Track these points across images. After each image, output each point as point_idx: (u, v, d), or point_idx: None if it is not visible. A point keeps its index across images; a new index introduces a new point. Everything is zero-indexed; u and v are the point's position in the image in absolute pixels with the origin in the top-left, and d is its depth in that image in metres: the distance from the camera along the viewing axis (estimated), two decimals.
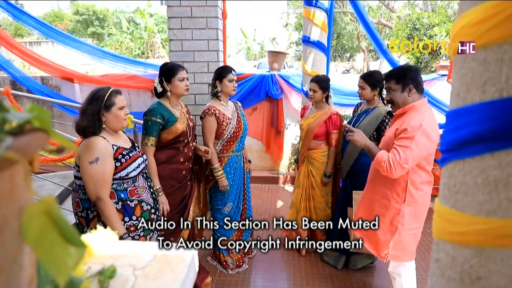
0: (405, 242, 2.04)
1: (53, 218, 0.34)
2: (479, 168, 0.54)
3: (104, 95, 1.75)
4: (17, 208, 0.34)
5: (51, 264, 0.35)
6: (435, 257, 0.65)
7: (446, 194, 0.61)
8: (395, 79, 1.98)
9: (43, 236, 0.34)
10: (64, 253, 0.35)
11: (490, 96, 0.51)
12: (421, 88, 1.97)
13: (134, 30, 16.20)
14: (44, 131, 0.38)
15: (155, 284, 0.60)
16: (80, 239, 0.35)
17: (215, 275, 2.80)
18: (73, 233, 0.35)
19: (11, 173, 0.33)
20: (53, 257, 0.35)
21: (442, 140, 0.62)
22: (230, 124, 2.65)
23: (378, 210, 2.07)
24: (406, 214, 1.97)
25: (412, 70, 1.98)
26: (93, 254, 0.69)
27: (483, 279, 0.55)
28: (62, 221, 0.34)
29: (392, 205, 2.00)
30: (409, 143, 1.82)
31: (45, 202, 0.34)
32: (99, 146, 1.69)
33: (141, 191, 1.90)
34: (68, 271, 0.36)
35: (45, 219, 0.34)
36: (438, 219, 0.64)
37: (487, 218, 0.53)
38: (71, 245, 0.35)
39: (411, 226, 2.01)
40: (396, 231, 2.02)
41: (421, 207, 1.99)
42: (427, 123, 1.84)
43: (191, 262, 0.67)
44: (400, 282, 2.18)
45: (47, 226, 0.34)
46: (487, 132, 0.52)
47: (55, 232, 0.34)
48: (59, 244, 0.35)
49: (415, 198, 1.95)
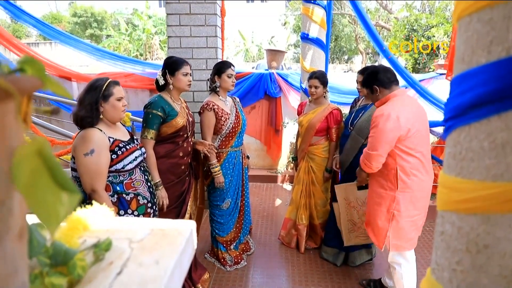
0: (404, 229, 2.05)
1: (45, 160, 0.32)
2: (485, 131, 0.53)
3: (102, 85, 1.73)
4: (7, 148, 0.32)
5: (41, 212, 0.33)
6: (440, 230, 0.64)
7: (451, 163, 0.60)
8: (363, 85, 2.22)
9: (34, 180, 0.32)
10: (55, 200, 0.33)
11: (497, 55, 0.50)
12: (388, 82, 2.10)
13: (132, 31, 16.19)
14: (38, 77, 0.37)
15: (152, 256, 0.58)
16: (72, 185, 0.34)
17: (213, 272, 2.77)
18: (66, 177, 0.33)
19: (2, 111, 0.31)
20: (44, 204, 0.33)
21: (446, 108, 0.61)
22: (229, 119, 2.63)
23: (375, 200, 2.12)
24: (401, 200, 2.01)
25: (371, 73, 2.15)
26: (89, 228, 0.67)
27: (491, 246, 0.53)
28: (54, 164, 0.33)
29: (387, 193, 2.06)
30: (373, 132, 2.01)
31: (37, 142, 0.32)
32: (94, 137, 1.67)
33: (138, 185, 1.88)
34: (60, 220, 0.34)
35: (36, 161, 0.32)
36: (443, 190, 0.62)
37: (494, 183, 0.52)
38: (63, 190, 0.33)
39: (409, 213, 2.03)
40: (394, 219, 2.04)
41: (417, 193, 2.02)
42: (392, 109, 1.97)
43: (189, 236, 0.65)
44: (400, 272, 2.18)
45: (39, 168, 0.32)
46: (494, 93, 0.50)
47: (47, 176, 0.33)
48: (50, 190, 0.33)
49: (408, 184, 2.00)
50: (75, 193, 0.34)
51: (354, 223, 2.64)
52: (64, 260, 0.57)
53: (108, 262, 0.58)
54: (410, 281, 2.20)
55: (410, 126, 1.94)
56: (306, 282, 2.67)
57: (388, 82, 2.10)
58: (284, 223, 3.22)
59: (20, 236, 0.35)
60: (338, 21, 15.83)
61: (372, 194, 2.19)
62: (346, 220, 2.65)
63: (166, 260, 0.56)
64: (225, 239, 2.84)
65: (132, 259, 0.57)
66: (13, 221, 0.34)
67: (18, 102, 0.32)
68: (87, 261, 0.58)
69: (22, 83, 0.33)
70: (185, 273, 0.63)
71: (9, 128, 0.32)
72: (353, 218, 2.63)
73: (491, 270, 0.54)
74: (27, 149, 0.32)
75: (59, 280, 0.55)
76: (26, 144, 0.32)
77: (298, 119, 3.08)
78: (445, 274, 0.61)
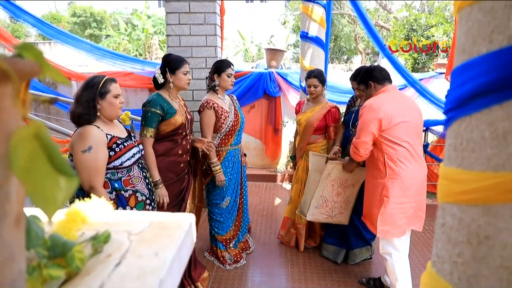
0: (393, 216, 2.13)
1: (43, 143, 0.32)
2: (486, 121, 0.52)
3: (99, 82, 1.72)
4: (4, 132, 0.31)
5: (39, 197, 0.33)
6: (441, 222, 0.63)
7: (452, 155, 0.60)
8: (360, 82, 2.38)
9: (32, 164, 0.32)
10: (53, 184, 0.33)
11: (498, 45, 0.50)
12: (382, 79, 2.25)
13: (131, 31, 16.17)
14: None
15: (151, 248, 0.58)
16: (70, 169, 0.33)
17: (213, 270, 2.77)
18: (63, 161, 0.33)
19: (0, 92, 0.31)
20: (42, 189, 0.33)
21: (447, 99, 0.60)
22: (228, 117, 2.63)
23: (371, 189, 2.25)
24: (390, 186, 2.11)
25: (367, 70, 2.32)
26: (87, 221, 0.66)
27: (492, 237, 0.53)
28: (52, 147, 0.32)
29: (378, 181, 2.17)
30: (359, 122, 2.19)
31: (35, 125, 0.32)
32: (92, 134, 1.66)
33: (136, 181, 1.88)
34: (57, 205, 0.34)
35: (34, 144, 0.32)
36: (443, 182, 0.62)
37: (496, 173, 0.51)
38: (61, 174, 0.33)
39: (398, 200, 2.12)
40: (383, 204, 2.13)
41: (405, 180, 2.10)
42: (374, 101, 2.14)
43: (188, 229, 0.65)
44: (391, 263, 2.22)
45: (36, 152, 0.32)
46: (495, 82, 0.50)
47: (44, 160, 0.32)
48: (48, 174, 0.32)
49: (395, 171, 2.10)
50: (73, 178, 0.33)
51: (325, 200, 2.69)
52: (62, 252, 0.56)
53: (106, 254, 0.58)
54: (402, 272, 2.23)
55: (393, 116, 2.07)
56: (305, 281, 2.66)
57: (382, 78, 2.25)
58: (283, 222, 3.22)
59: (17, 222, 0.35)
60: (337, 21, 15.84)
61: (368, 186, 2.32)
62: (319, 194, 2.67)
63: (165, 252, 0.56)
64: (224, 238, 2.83)
65: (131, 251, 0.57)
66: (10, 207, 0.33)
67: (16, 85, 0.32)
68: (85, 254, 0.58)
69: (21, 66, 0.32)
70: (184, 266, 0.62)
71: (7, 112, 0.32)
72: (326, 195, 2.68)
73: (492, 262, 0.53)
74: (24, 132, 0.31)
75: (57, 272, 0.55)
76: (23, 127, 0.31)
77: (296, 117, 3.08)
78: (446, 267, 0.61)
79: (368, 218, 2.31)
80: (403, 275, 2.23)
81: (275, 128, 5.02)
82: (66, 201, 0.34)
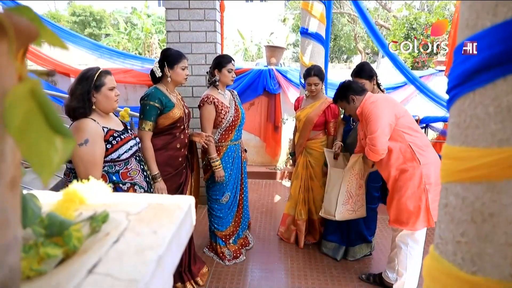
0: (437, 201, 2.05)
1: (39, 101, 0.31)
2: (490, 96, 0.51)
3: (94, 75, 1.70)
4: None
5: (34, 158, 0.32)
6: (444, 203, 0.63)
7: (455, 133, 0.59)
8: (339, 99, 2.37)
9: (28, 124, 0.31)
10: (49, 146, 0.32)
11: (503, 17, 0.49)
12: (361, 90, 2.30)
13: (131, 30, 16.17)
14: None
15: (150, 227, 0.57)
16: (66, 129, 0.32)
17: (212, 266, 2.76)
18: (59, 120, 0.32)
19: None
20: (37, 150, 0.32)
21: (450, 77, 0.59)
22: (228, 112, 2.62)
23: (403, 186, 2.11)
24: (428, 173, 2.05)
25: (344, 86, 2.35)
26: (85, 202, 0.65)
27: (496, 214, 0.52)
28: (48, 105, 0.31)
29: (412, 172, 2.07)
30: (368, 120, 2.14)
31: (30, 82, 0.31)
32: (88, 127, 1.65)
33: (134, 174, 1.86)
34: (53, 168, 0.33)
35: (30, 103, 0.31)
36: (446, 161, 0.61)
37: (500, 148, 0.50)
38: (57, 134, 0.32)
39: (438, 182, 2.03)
40: (428, 192, 2.04)
41: (437, 164, 2.07)
42: (373, 97, 2.21)
43: (187, 210, 0.64)
44: (406, 252, 2.18)
45: (32, 111, 0.31)
46: (500, 56, 0.49)
47: (41, 119, 0.31)
48: (44, 134, 0.32)
49: (426, 157, 2.07)
50: (69, 138, 0.33)
51: (350, 194, 2.56)
52: (60, 230, 0.56)
53: (104, 233, 0.57)
54: (414, 264, 2.19)
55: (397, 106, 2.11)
56: (305, 277, 2.66)
57: (360, 90, 2.30)
58: (283, 218, 3.21)
59: (12, 185, 0.34)
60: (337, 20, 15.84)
61: (395, 182, 2.16)
62: (345, 190, 2.53)
63: (164, 230, 0.55)
64: (224, 234, 2.82)
65: (130, 229, 0.56)
66: (4, 167, 0.32)
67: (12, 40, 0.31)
68: (83, 233, 0.57)
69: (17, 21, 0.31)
70: (184, 246, 0.61)
71: (2, 69, 0.31)
72: (351, 190, 2.55)
73: (497, 239, 0.52)
74: (20, 89, 0.30)
75: (54, 251, 0.53)
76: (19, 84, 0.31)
77: (296, 114, 3.06)
78: (449, 247, 0.60)
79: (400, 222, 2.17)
80: (414, 267, 2.19)
81: (275, 126, 5.01)
82: (62, 164, 0.34)
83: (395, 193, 2.18)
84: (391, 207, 2.22)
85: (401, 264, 2.23)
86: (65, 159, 0.33)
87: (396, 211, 2.18)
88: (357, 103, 2.27)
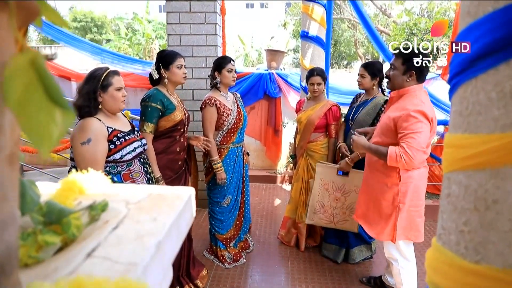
0: (412, 220, 2.02)
1: (39, 73, 0.30)
2: (493, 81, 0.51)
3: (101, 75, 1.71)
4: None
5: (33, 132, 0.31)
6: (446, 193, 0.62)
7: (458, 121, 0.58)
8: (402, 59, 1.97)
9: (27, 96, 0.30)
10: (49, 119, 0.32)
11: (504, 1, 0.49)
12: (422, 79, 1.98)
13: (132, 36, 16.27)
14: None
15: (150, 215, 0.56)
16: (66, 102, 0.32)
17: (212, 269, 2.73)
18: (60, 93, 0.31)
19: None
20: (37, 123, 0.31)
21: (451, 65, 0.59)
22: (230, 115, 2.61)
23: (377, 195, 2.08)
24: (405, 192, 1.98)
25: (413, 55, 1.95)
26: (84, 192, 0.65)
27: (500, 201, 0.52)
28: (48, 77, 0.31)
29: (389, 186, 2.01)
30: (418, 127, 1.83)
31: (30, 52, 0.30)
32: (92, 127, 1.64)
33: (136, 176, 1.85)
34: (52, 142, 0.32)
35: (30, 74, 0.30)
36: (448, 150, 0.60)
37: (504, 134, 0.50)
38: (57, 107, 0.31)
39: (414, 203, 2.00)
40: (400, 211, 2.00)
41: (419, 183, 2.01)
42: (426, 107, 1.89)
43: (187, 200, 0.63)
44: (397, 268, 2.14)
45: (32, 83, 0.30)
46: (502, 40, 0.49)
47: (40, 91, 0.31)
48: (44, 107, 0.31)
49: (410, 175, 1.97)
50: (69, 112, 0.32)
51: (322, 205, 2.66)
52: (58, 218, 0.55)
53: (103, 221, 0.56)
54: (408, 278, 2.16)
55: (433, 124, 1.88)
56: (305, 280, 2.63)
57: (424, 78, 1.99)
58: (283, 221, 3.19)
59: (10, 160, 0.33)
60: (337, 26, 15.92)
61: (370, 190, 2.14)
62: (315, 200, 2.64)
63: (163, 217, 0.55)
64: (225, 237, 2.81)
65: (129, 217, 0.56)
66: (3, 140, 0.32)
67: (13, 12, 0.30)
68: (82, 221, 0.57)
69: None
70: (183, 236, 0.60)
71: (1, 40, 0.30)
72: (323, 201, 2.64)
73: (500, 226, 0.52)
74: (20, 60, 0.30)
75: (52, 238, 0.53)
76: (18, 55, 0.30)
77: (297, 116, 3.06)
78: (452, 237, 0.60)
79: (365, 220, 2.18)
80: (409, 282, 2.15)
81: (275, 129, 5.01)
82: (62, 137, 0.33)
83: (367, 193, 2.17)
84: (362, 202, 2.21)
85: (397, 278, 2.20)
86: (64, 133, 0.33)
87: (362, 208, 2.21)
88: (410, 82, 1.96)
